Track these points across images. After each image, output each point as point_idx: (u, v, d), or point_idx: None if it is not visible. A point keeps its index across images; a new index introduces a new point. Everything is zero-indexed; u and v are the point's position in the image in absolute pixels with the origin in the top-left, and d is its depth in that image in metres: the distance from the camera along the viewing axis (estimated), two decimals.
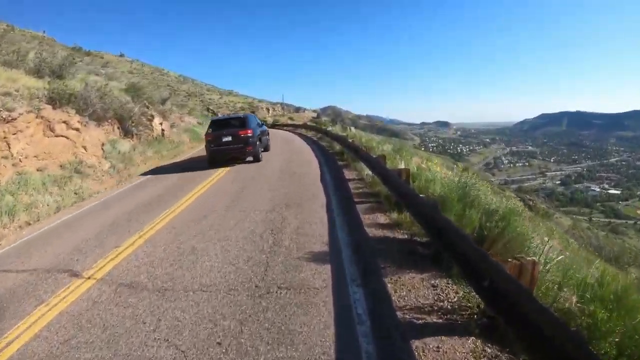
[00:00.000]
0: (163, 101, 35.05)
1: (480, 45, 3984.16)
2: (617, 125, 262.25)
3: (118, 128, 23.50)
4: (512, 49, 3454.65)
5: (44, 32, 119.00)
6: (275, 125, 56.79)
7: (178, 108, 46.24)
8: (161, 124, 29.41)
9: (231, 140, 18.38)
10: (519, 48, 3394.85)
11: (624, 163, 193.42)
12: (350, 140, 18.61)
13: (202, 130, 45.86)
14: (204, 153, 20.33)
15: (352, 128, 33.35)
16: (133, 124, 24.69)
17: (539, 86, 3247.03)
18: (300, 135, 35.29)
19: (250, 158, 18.99)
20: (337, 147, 21.36)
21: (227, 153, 18.57)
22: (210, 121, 21.86)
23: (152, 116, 28.43)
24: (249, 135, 18.46)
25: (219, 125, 19.41)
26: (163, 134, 29.13)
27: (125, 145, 22.64)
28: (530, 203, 76.47)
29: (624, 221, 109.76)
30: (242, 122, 19.09)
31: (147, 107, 29.13)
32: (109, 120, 22.67)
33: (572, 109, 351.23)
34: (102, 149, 20.58)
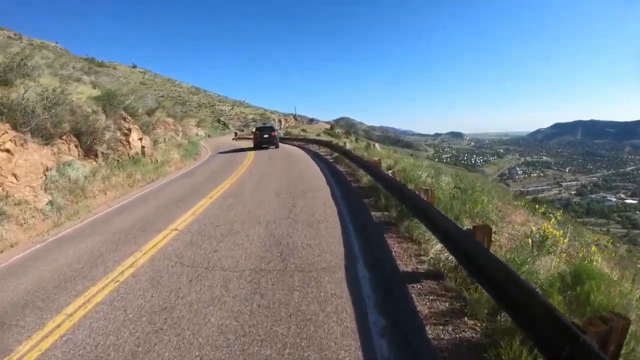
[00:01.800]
0: (150, 111, 28.56)
1: (492, 56, 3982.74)
2: (632, 133, 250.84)
3: (76, 147, 17.58)
4: (524, 59, 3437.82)
5: (56, 42, 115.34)
6: (284, 139, 49.30)
7: (177, 119, 39.75)
8: (141, 139, 23.07)
9: (267, 137, 32.56)
10: (531, 58, 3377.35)
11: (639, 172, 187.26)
12: (388, 173, 11.36)
13: (205, 143, 44.92)
14: (191, 175, 20.36)
15: (377, 145, 26.48)
16: (95, 141, 18.58)
17: (553, 96, 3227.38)
18: (310, 153, 27.89)
19: (273, 147, 32.77)
20: (365, 178, 14.27)
21: (265, 143, 32.46)
22: (255, 127, 38.01)
23: (129, 130, 22.19)
24: (275, 135, 33.45)
25: (260, 129, 33.99)
26: (143, 152, 22.83)
27: (82, 169, 16.57)
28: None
29: None
30: (271, 128, 34.72)
31: (125, 119, 22.89)
32: (64, 137, 16.89)
33: (586, 117, 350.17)
34: (46, 175, 14.40)
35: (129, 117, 23.63)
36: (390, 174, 10.39)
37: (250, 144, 36.51)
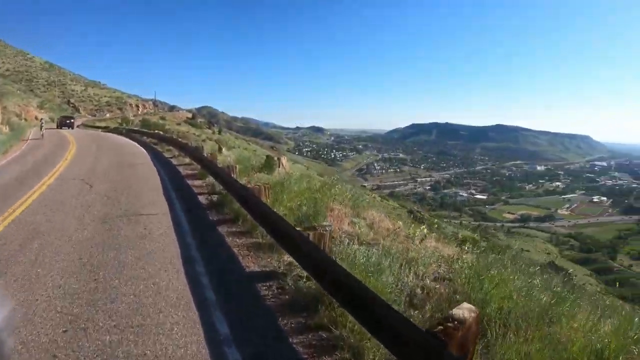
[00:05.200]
0: None
1: (351, 52, 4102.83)
2: (483, 136, 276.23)
3: None
4: (383, 57, 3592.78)
5: None
6: (134, 131, 36.63)
7: None
8: None
9: (68, 122, 48.69)
10: (389, 58, 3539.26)
11: (488, 171, 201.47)
12: None
13: (39, 129, 32.21)
14: None
15: (284, 161, 15.27)
16: None
17: (411, 98, 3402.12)
18: (164, 169, 16.02)
19: (71, 129, 46.11)
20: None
21: (65, 126, 47.44)
22: (60, 116, 54.56)
23: None
24: (73, 122, 50.18)
25: (64, 117, 51.53)
26: None
27: None
28: (419, 214, 66.44)
29: (492, 224, 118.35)
30: (71, 118, 52.68)
31: None
32: None
33: (442, 120, 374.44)
34: None
35: None
36: None
37: (86, 134, 38.53)
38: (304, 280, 5.26)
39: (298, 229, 5.23)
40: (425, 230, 7.60)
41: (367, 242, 6.88)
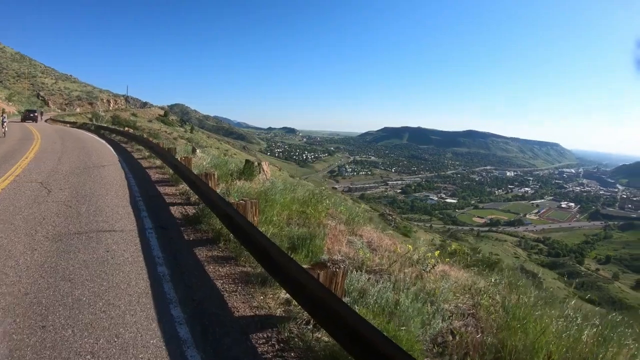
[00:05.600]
0: None
1: (324, 54, 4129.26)
2: (454, 142, 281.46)
3: None
4: (357, 61, 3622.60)
5: None
6: (102, 128, 35.21)
7: None
8: None
9: (32, 116, 48.88)
10: (364, 61, 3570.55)
11: (459, 175, 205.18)
12: None
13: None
14: None
15: (264, 164, 13.94)
16: None
17: (383, 102, 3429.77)
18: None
19: (35, 122, 46.96)
20: None
21: (29, 119, 47.94)
22: (25, 110, 54.33)
23: None
24: (36, 115, 50.08)
25: (28, 111, 51.63)
26: None
27: None
28: (390, 217, 66.59)
29: (461, 227, 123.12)
30: (34, 111, 51.98)
31: None
32: None
33: (414, 124, 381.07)
34: None
35: None
36: None
37: (53, 130, 36.36)
38: (311, 328, 4.20)
39: (305, 266, 4.09)
40: (437, 253, 6.58)
41: (373, 270, 5.90)
